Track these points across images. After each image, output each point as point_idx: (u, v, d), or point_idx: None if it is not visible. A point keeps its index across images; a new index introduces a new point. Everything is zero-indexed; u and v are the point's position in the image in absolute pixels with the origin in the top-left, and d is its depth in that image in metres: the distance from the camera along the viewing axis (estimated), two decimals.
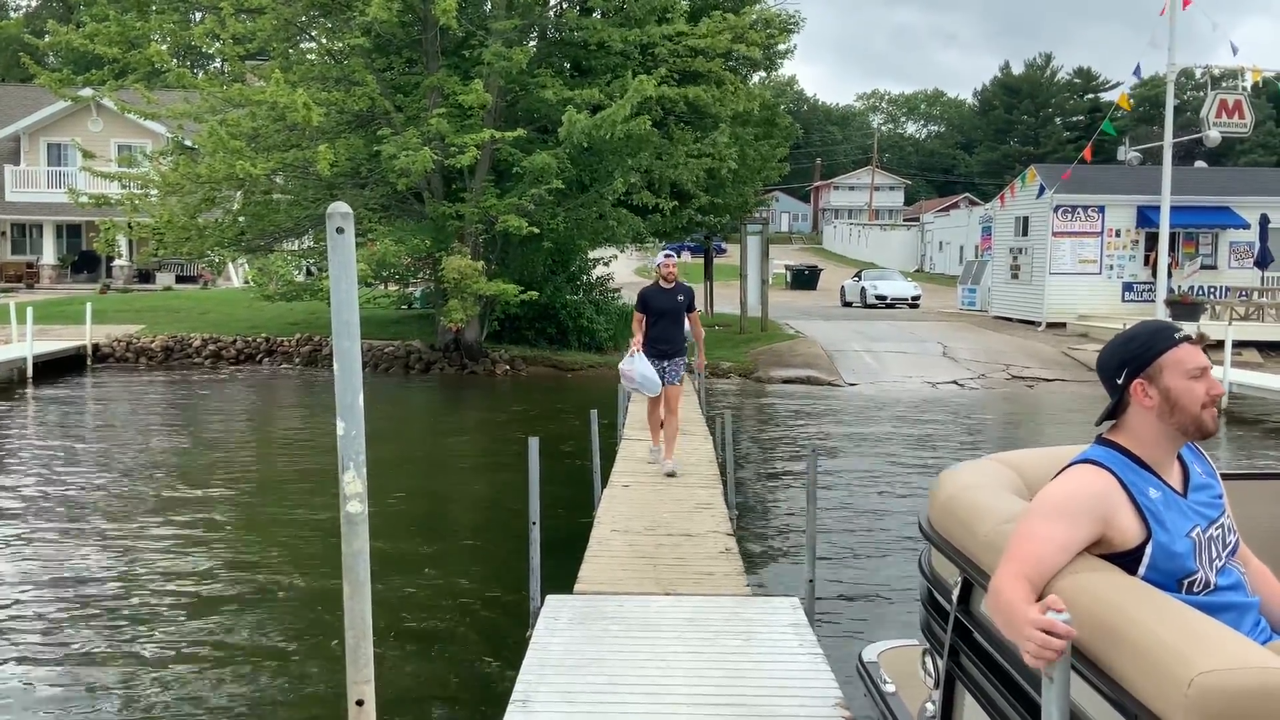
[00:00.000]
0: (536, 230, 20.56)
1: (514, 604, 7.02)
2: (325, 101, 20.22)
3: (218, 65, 36.76)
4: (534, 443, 5.90)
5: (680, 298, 9.46)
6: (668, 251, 9.64)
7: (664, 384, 9.34)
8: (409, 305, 27.88)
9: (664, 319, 9.42)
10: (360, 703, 2.24)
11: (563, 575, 6.62)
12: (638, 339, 9.37)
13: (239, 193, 22.33)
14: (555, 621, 5.47)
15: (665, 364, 9.43)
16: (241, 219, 22.77)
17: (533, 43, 23.75)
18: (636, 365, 9.19)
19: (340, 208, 2.11)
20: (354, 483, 2.15)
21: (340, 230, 2.10)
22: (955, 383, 20.87)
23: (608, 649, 5.05)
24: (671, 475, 9.25)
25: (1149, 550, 2.38)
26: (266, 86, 19.68)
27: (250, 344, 24.35)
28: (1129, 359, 2.51)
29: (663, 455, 9.53)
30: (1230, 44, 23.30)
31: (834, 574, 8.25)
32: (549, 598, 5.84)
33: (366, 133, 21.52)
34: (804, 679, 4.74)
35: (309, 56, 22.99)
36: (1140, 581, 2.30)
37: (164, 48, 21.56)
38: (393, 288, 26.32)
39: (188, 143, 22.99)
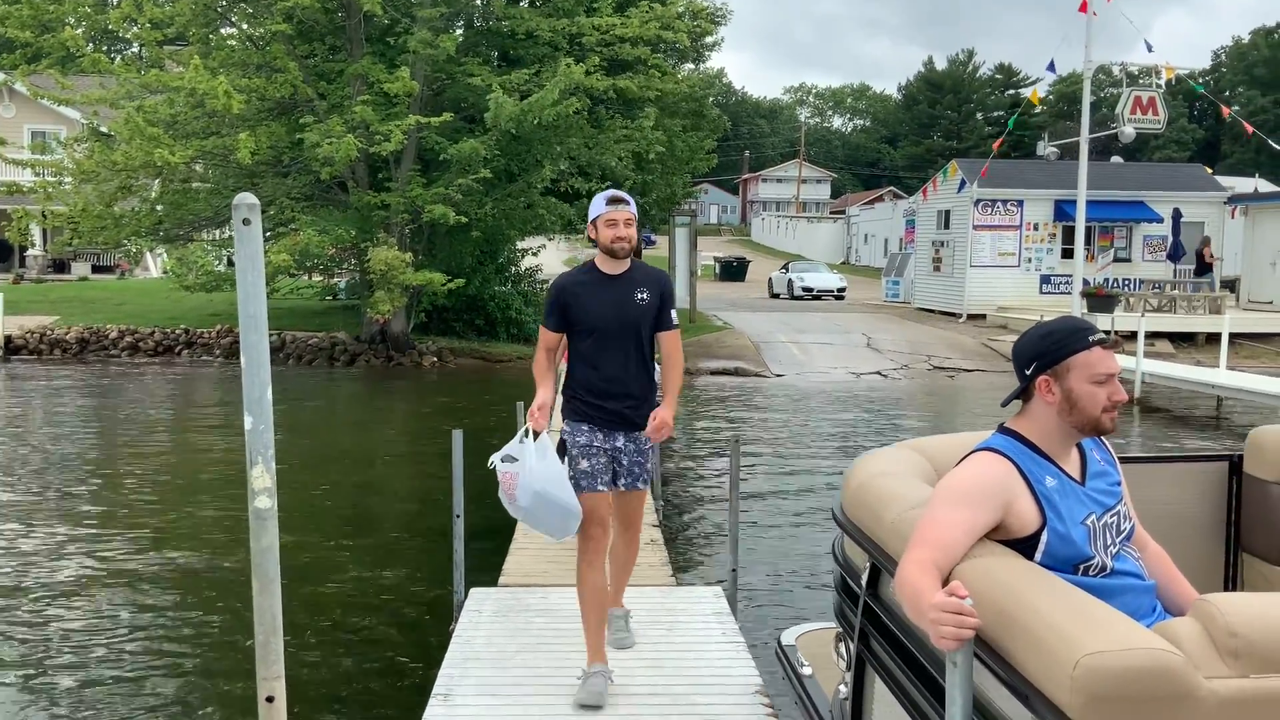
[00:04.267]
0: (464, 220, 20.43)
1: (438, 598, 6.99)
2: (246, 88, 19.88)
3: (135, 50, 35.82)
4: (458, 435, 5.88)
5: (641, 295, 4.48)
6: (615, 195, 4.50)
7: (618, 487, 4.61)
8: (333, 296, 27.51)
9: (610, 343, 4.48)
10: (270, 699, 2.23)
11: (488, 568, 6.61)
12: (543, 395, 4.52)
13: (156, 181, 21.89)
14: (479, 615, 5.46)
15: (620, 445, 4.54)
16: (159, 208, 22.33)
17: (459, 31, 23.58)
18: (527, 464, 4.30)
19: (246, 198, 2.09)
20: (262, 478, 2.13)
21: (246, 221, 2.08)
22: (878, 373, 21.19)
23: (531, 641, 5.06)
24: (615, 671, 4.56)
25: (1044, 537, 2.45)
26: (185, 72, 19.30)
27: (169, 336, 23.85)
28: (1040, 354, 2.57)
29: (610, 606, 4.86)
30: (1145, 42, 23.90)
31: (758, 562, 8.34)
32: (473, 591, 5.83)
33: (289, 120, 21.20)
34: (725, 668, 4.79)
35: (229, 42, 22.57)
36: (1035, 566, 2.37)
37: (79, 32, 21.01)
38: (316, 278, 25.95)
39: (103, 129, 22.47)
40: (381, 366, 22.04)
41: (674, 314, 4.62)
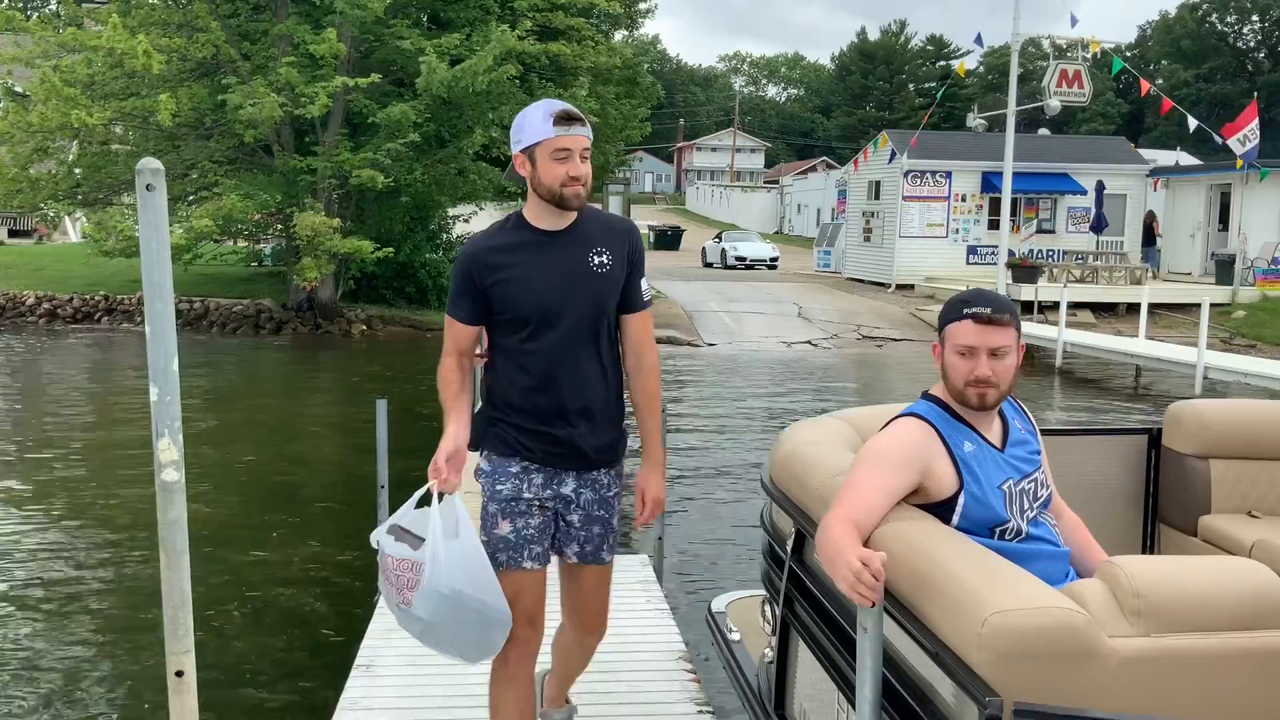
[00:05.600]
0: (393, 185, 20.16)
1: (364, 569, 6.93)
2: (166, 48, 19.37)
3: (52, 8, 34.69)
4: (382, 405, 5.81)
5: (600, 259, 3.01)
6: (566, 111, 2.94)
7: (565, 558, 3.16)
8: (259, 262, 26.99)
9: (558, 335, 2.99)
10: (180, 674, 2.19)
11: None
12: (455, 434, 2.94)
13: (74, 143, 21.32)
14: None
15: (568, 492, 3.08)
16: (77, 170, 21.77)
17: None
18: (432, 548, 2.76)
19: (150, 163, 2.02)
20: (169, 450, 2.08)
21: (150, 187, 2.02)
22: (809, 342, 21.39)
23: None
24: None
25: (961, 500, 2.52)
26: (103, 31, 18.76)
27: (88, 302, 23.27)
28: (938, 322, 2.68)
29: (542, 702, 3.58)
30: (1071, 15, 24.28)
31: (685, 530, 8.40)
32: None
33: (211, 82, 20.72)
34: (650, 634, 4.82)
35: (149, 0, 21.93)
36: (950, 529, 2.43)
37: None
38: (241, 244, 25.44)
39: (18, 89, 21.80)
40: (309, 334, 21.72)
41: (645, 285, 3.13)
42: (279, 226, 22.64)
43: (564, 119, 2.91)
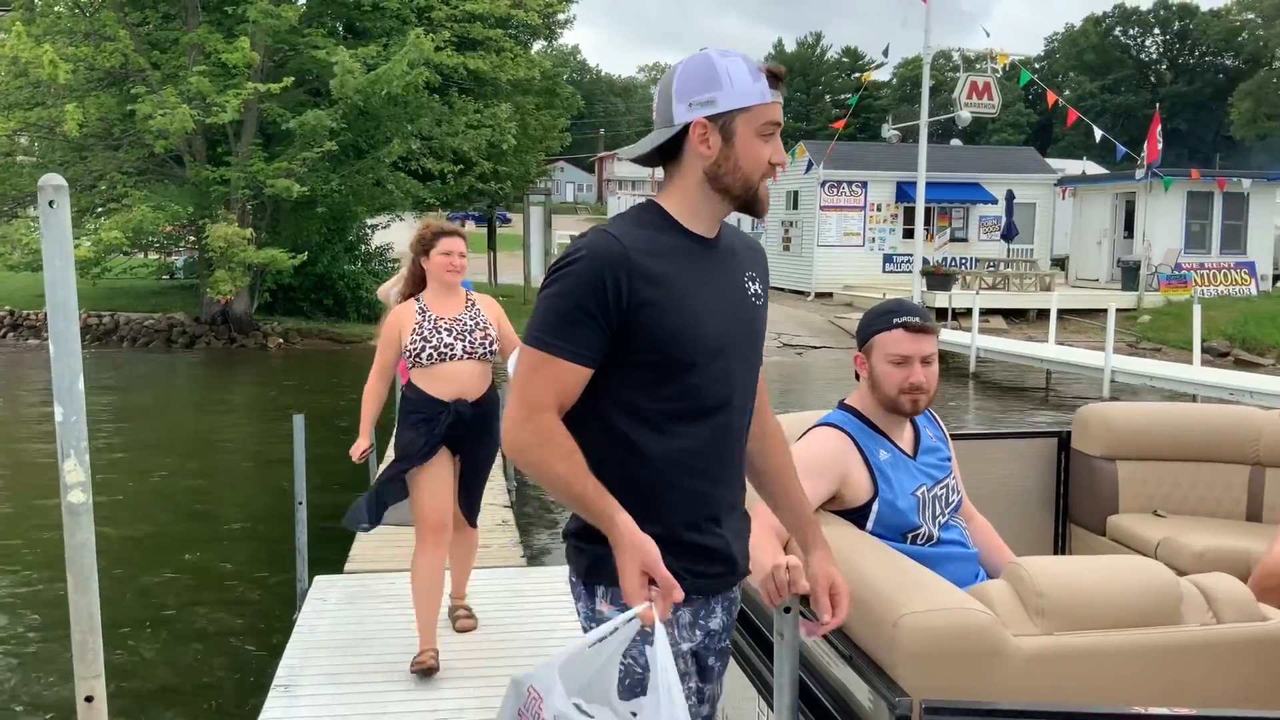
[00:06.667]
0: (309, 195, 19.88)
1: (282, 587, 6.82)
2: (73, 57, 18.91)
3: None
4: (299, 420, 5.73)
5: (757, 287, 2.11)
6: (774, 69, 1.97)
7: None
8: (170, 275, 26.42)
9: (719, 390, 1.98)
10: (90, 699, 2.14)
11: (334, 555, 6.48)
12: (630, 525, 1.82)
13: None
14: (323, 603, 5.36)
15: (715, 627, 2.11)
16: None
17: (302, 0, 22.91)
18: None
19: (52, 179, 1.99)
20: (75, 471, 2.04)
21: (52, 204, 1.98)
22: None
23: (377, 628, 4.99)
24: None
25: (875, 506, 2.58)
26: (7, 40, 18.24)
27: None
28: (859, 332, 2.75)
29: None
30: (983, 29, 24.88)
31: None
32: (317, 579, 5.71)
33: (120, 91, 20.26)
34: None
35: (55, 8, 21.38)
36: (864, 535, 2.50)
37: None
38: (152, 257, 24.86)
39: None
40: (223, 348, 21.28)
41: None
42: (191, 238, 22.19)
43: (777, 78, 2.00)
